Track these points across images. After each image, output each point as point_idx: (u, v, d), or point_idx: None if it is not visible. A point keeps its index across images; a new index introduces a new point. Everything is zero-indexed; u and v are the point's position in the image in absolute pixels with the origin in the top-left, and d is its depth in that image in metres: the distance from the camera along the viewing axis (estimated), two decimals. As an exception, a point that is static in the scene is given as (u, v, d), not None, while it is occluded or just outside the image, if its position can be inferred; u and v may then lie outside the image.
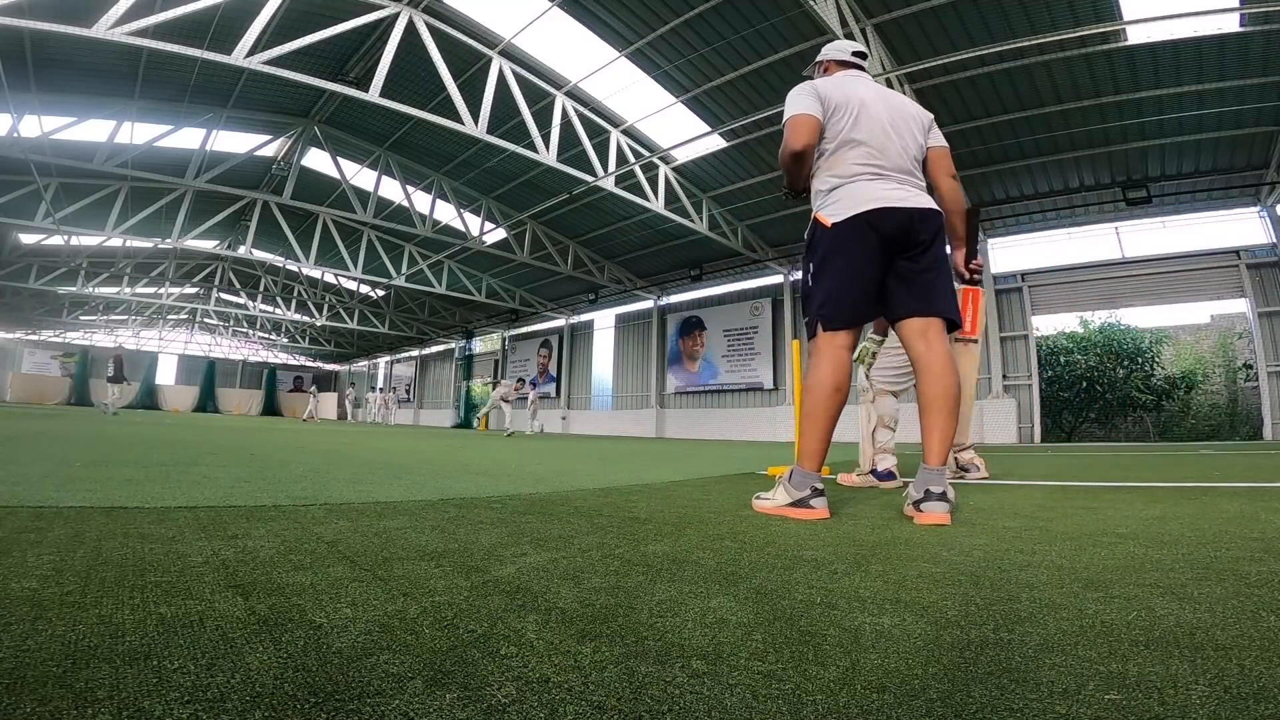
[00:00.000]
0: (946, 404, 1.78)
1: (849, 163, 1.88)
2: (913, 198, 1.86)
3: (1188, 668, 0.63)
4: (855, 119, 1.89)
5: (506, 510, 1.80)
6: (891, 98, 2.00)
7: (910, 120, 1.96)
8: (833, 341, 1.85)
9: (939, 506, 1.67)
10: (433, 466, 3.41)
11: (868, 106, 1.91)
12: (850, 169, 1.87)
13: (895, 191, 1.84)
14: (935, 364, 1.81)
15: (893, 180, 1.86)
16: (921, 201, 1.87)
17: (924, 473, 1.74)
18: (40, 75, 9.59)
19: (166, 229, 14.18)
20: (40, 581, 0.87)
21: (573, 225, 15.60)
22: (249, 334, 32.55)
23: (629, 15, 8.40)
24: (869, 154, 1.87)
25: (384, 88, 7.62)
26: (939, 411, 1.78)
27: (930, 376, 1.81)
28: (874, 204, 1.81)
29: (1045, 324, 14.23)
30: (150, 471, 2.48)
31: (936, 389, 1.80)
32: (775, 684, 0.59)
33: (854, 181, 1.86)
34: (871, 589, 0.96)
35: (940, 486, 1.69)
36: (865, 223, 1.80)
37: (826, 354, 1.85)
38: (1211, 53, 7.69)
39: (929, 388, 1.81)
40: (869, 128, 1.89)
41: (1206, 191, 10.31)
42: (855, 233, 1.82)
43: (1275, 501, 2.03)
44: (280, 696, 0.53)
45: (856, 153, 1.88)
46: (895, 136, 1.90)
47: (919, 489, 1.72)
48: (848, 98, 1.92)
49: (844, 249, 1.84)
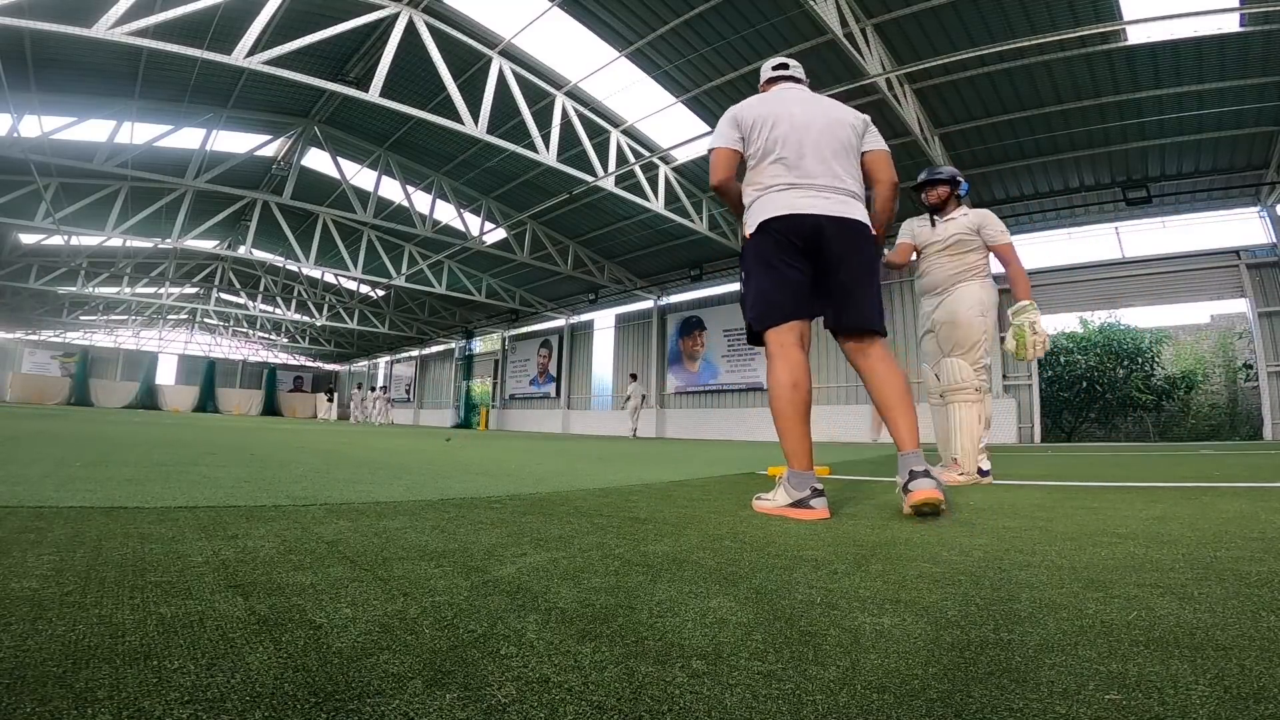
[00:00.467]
0: (901, 400, 1.89)
1: (766, 175, 1.97)
2: (826, 205, 1.90)
3: (1188, 668, 0.63)
4: (771, 133, 1.96)
5: (506, 510, 1.80)
6: (820, 106, 2.04)
7: (839, 126, 2.00)
8: (778, 340, 1.91)
9: (926, 482, 1.72)
10: (433, 466, 3.41)
11: (785, 119, 1.97)
12: (766, 180, 1.97)
13: (805, 199, 1.90)
14: (881, 372, 1.93)
15: (808, 189, 1.92)
16: (835, 210, 1.90)
17: (903, 459, 1.81)
18: (40, 75, 9.59)
19: (166, 229, 14.18)
20: (40, 581, 0.87)
21: (573, 225, 15.60)
22: (249, 334, 32.55)
23: (629, 15, 8.40)
24: (783, 166, 1.94)
25: (384, 88, 7.62)
26: (897, 409, 1.88)
27: (879, 384, 1.93)
28: (779, 211, 1.90)
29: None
30: (150, 471, 2.48)
31: (888, 393, 1.91)
32: (775, 684, 0.59)
33: (768, 192, 1.95)
34: (871, 589, 0.96)
35: (922, 465, 1.75)
36: (770, 228, 1.91)
37: (776, 354, 1.92)
38: (1211, 53, 7.69)
39: (882, 394, 1.92)
40: (784, 140, 1.95)
41: (1206, 191, 10.31)
42: (765, 238, 1.92)
43: (1275, 501, 2.03)
44: (280, 696, 0.53)
45: (773, 166, 1.96)
46: (814, 146, 1.95)
47: (903, 473, 1.78)
48: (766, 114, 1.99)
49: (761, 254, 1.94)
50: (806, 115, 1.99)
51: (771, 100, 2.04)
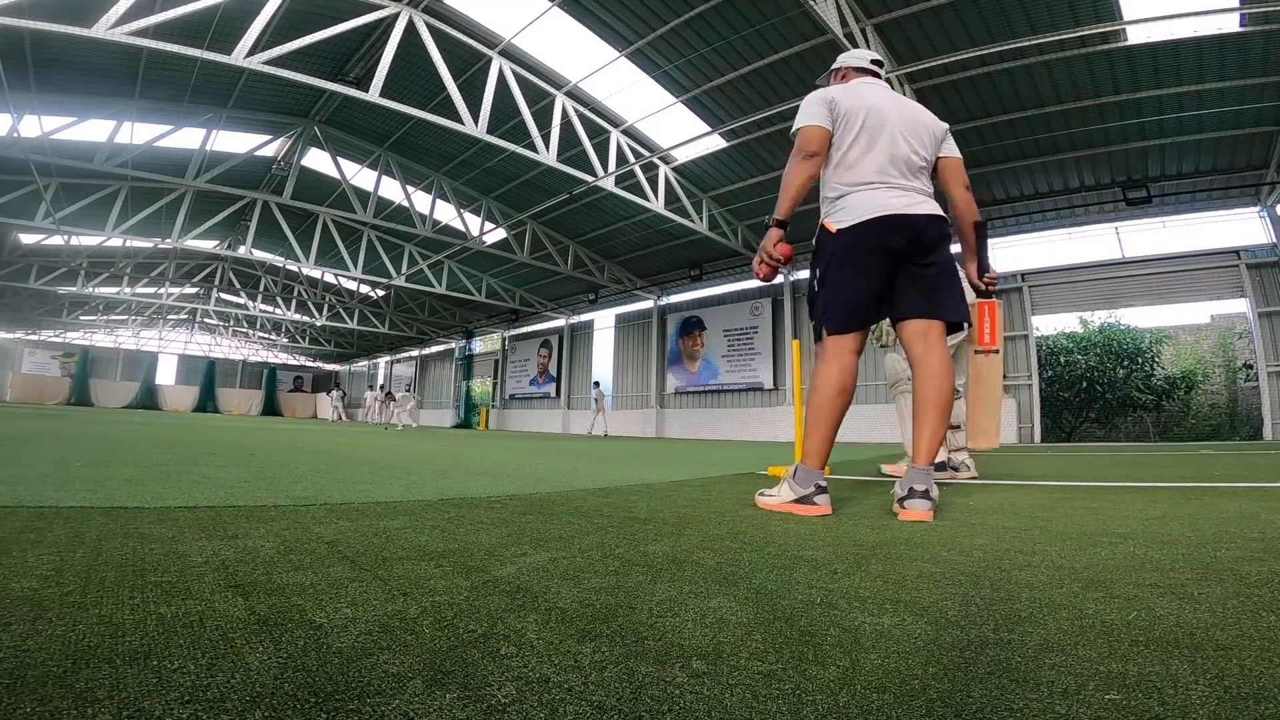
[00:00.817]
0: (939, 405, 1.83)
1: (856, 171, 1.90)
2: (918, 204, 1.88)
3: (1188, 668, 0.63)
4: (865, 127, 1.91)
5: (506, 510, 1.80)
6: (906, 106, 2.01)
7: (923, 129, 1.97)
8: (839, 345, 1.88)
9: (921, 504, 1.71)
10: (433, 466, 3.41)
11: (878, 114, 1.92)
12: (857, 176, 1.89)
13: (901, 199, 1.87)
14: (933, 365, 1.86)
15: (898, 188, 1.89)
16: (927, 208, 1.89)
17: (911, 471, 1.79)
18: (40, 75, 9.59)
19: (166, 229, 14.18)
20: (40, 581, 0.87)
21: (573, 225, 15.60)
22: (249, 334, 32.56)
23: (629, 15, 8.40)
24: (877, 162, 1.89)
25: (384, 88, 7.62)
26: (932, 411, 1.83)
27: (926, 376, 1.86)
28: (879, 211, 1.84)
29: (1045, 324, 14.22)
30: (150, 471, 2.48)
31: (931, 389, 1.85)
32: (775, 684, 0.59)
33: (860, 189, 1.88)
34: (871, 589, 0.96)
35: (924, 485, 1.73)
36: (870, 229, 1.84)
37: (833, 357, 1.89)
38: (1211, 53, 7.69)
39: (924, 387, 1.86)
40: (878, 136, 1.90)
41: (1206, 191, 10.30)
42: (860, 239, 1.85)
43: (1275, 501, 2.03)
44: (280, 696, 0.53)
45: (865, 161, 1.90)
46: (904, 145, 1.92)
47: (904, 486, 1.76)
48: (859, 106, 1.93)
49: (849, 255, 1.87)
50: (900, 114, 1.96)
51: (861, 93, 1.99)
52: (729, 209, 13.33)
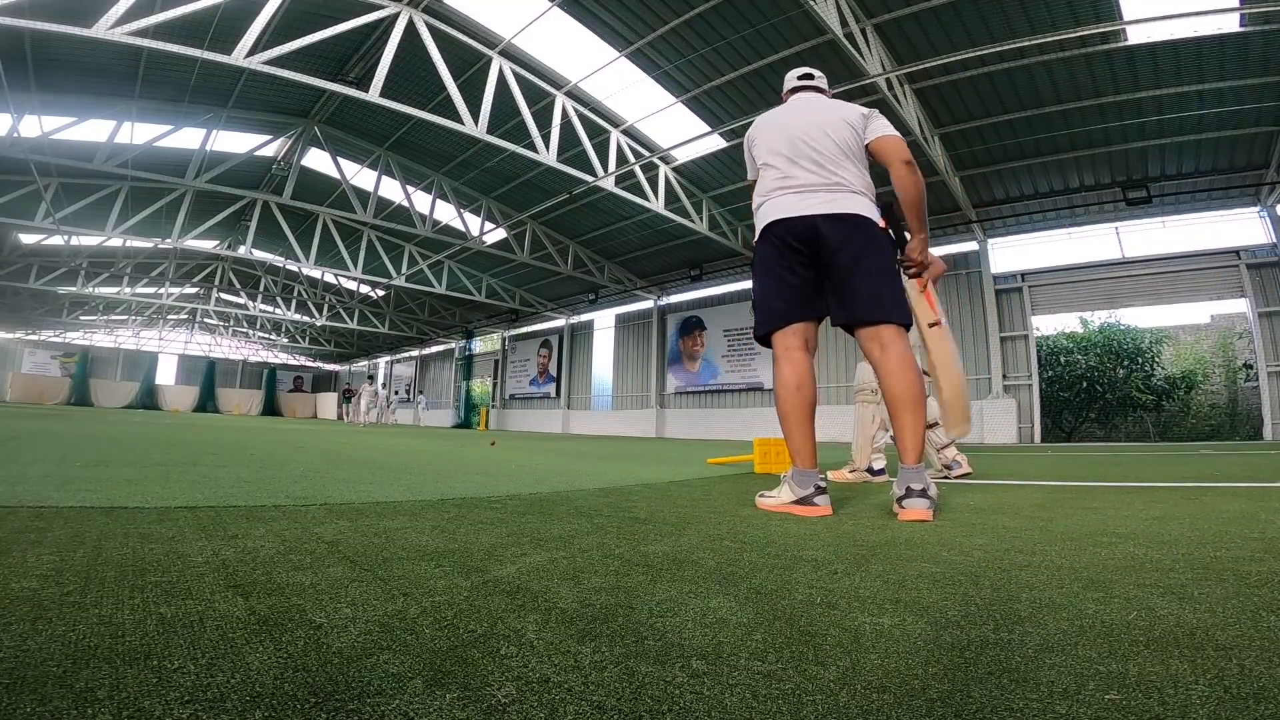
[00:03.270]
0: (911, 402, 1.86)
1: (767, 184, 2.06)
2: (819, 205, 1.93)
3: (1188, 668, 0.63)
4: (771, 144, 2.07)
5: (506, 510, 1.80)
6: (819, 109, 2.07)
7: (830, 126, 2.01)
8: (782, 344, 1.99)
9: (920, 503, 1.72)
10: (433, 466, 3.41)
11: (779, 129, 2.07)
12: (767, 188, 2.05)
13: (800, 202, 1.96)
14: (892, 364, 1.89)
15: (800, 192, 1.97)
16: (828, 208, 1.93)
17: (903, 471, 1.80)
18: (40, 75, 9.59)
19: (166, 229, 14.18)
20: (40, 581, 0.87)
21: (573, 225, 15.60)
22: (249, 334, 32.55)
23: (629, 15, 8.40)
24: (777, 173, 2.03)
25: (384, 88, 7.62)
26: (905, 410, 1.86)
27: (887, 376, 1.90)
28: (775, 216, 1.98)
29: (1045, 324, 14.24)
30: (150, 471, 2.48)
31: (898, 389, 1.88)
32: (775, 684, 0.59)
33: (767, 200, 2.04)
34: (871, 589, 0.96)
35: (920, 483, 1.74)
36: (769, 234, 1.99)
37: (780, 356, 2.00)
38: (1211, 53, 7.69)
39: (890, 388, 1.89)
40: (780, 149, 2.04)
41: (1206, 191, 10.30)
42: (767, 244, 2.00)
43: (1275, 501, 2.03)
44: (280, 696, 0.53)
45: (769, 174, 2.05)
46: (809, 149, 1.99)
47: (900, 487, 1.77)
48: (764, 133, 2.11)
49: (763, 260, 2.02)
50: (803, 119, 2.05)
51: (776, 114, 2.15)
52: (729, 209, 13.33)
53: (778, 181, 2.02)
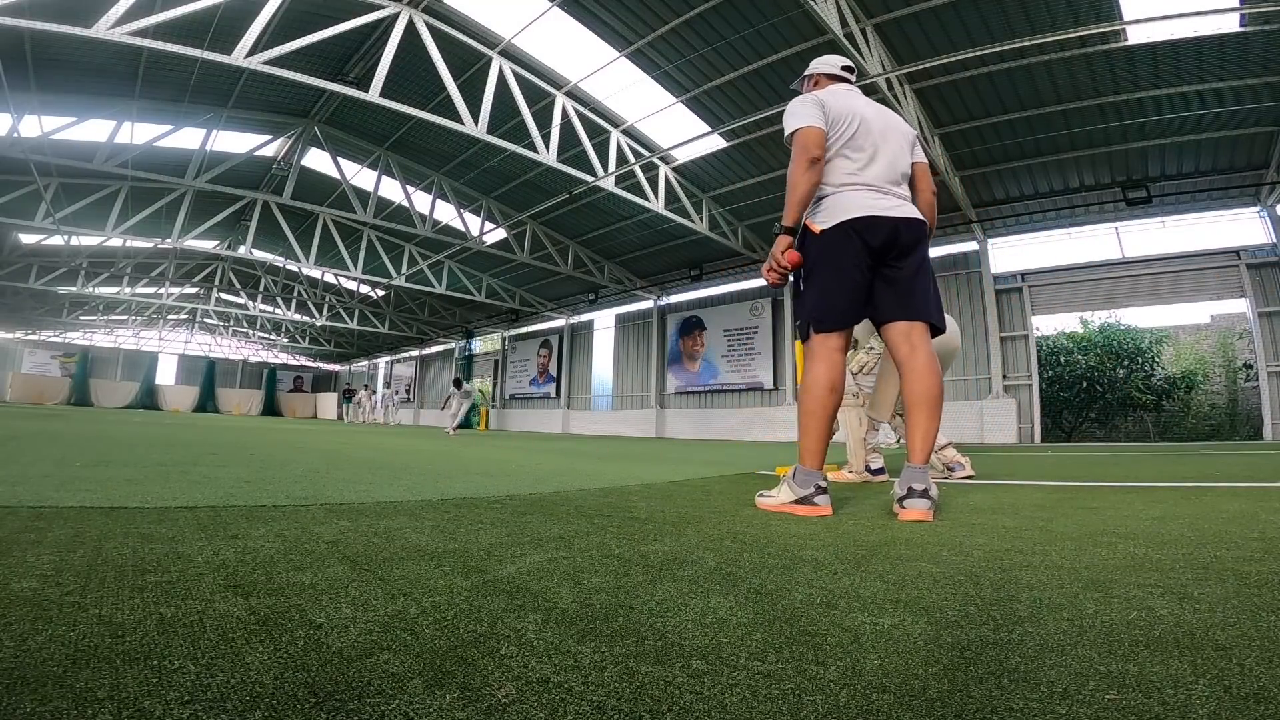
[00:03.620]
0: (929, 404, 1.86)
1: (840, 173, 1.97)
2: (897, 207, 1.95)
3: (1188, 668, 0.63)
4: (850, 131, 1.98)
5: (506, 510, 1.80)
6: (885, 113, 2.10)
7: (899, 135, 2.06)
8: (825, 344, 1.94)
9: (920, 503, 1.72)
10: (433, 466, 3.41)
11: (862, 119, 2.00)
12: (841, 179, 1.97)
13: (881, 201, 1.94)
14: (918, 365, 1.90)
15: (879, 191, 1.96)
16: (905, 211, 1.96)
17: (908, 470, 1.80)
18: (40, 75, 9.59)
19: (166, 229, 14.18)
20: (40, 581, 0.87)
21: (573, 225, 15.59)
22: (249, 334, 32.54)
23: (629, 15, 8.39)
24: (859, 166, 1.97)
25: (384, 88, 7.62)
26: (922, 411, 1.86)
27: (914, 377, 1.89)
28: (860, 212, 1.91)
29: (1045, 324, 14.24)
30: (150, 471, 2.48)
31: (919, 390, 1.88)
32: (775, 684, 0.59)
33: (842, 191, 1.96)
34: (871, 589, 0.96)
35: (922, 484, 1.75)
36: (851, 230, 1.90)
37: (820, 355, 1.94)
38: (1211, 53, 7.68)
39: (913, 388, 1.89)
40: (862, 141, 1.98)
41: (1206, 191, 10.30)
42: (842, 239, 1.91)
43: (1275, 501, 2.03)
44: (280, 696, 0.53)
45: (848, 164, 1.97)
46: (885, 150, 1.99)
47: (902, 487, 1.77)
48: (846, 110, 2.01)
49: (832, 255, 1.93)
50: (880, 120, 2.04)
51: (850, 97, 2.07)
52: (729, 209, 13.32)
53: (857, 177, 1.95)
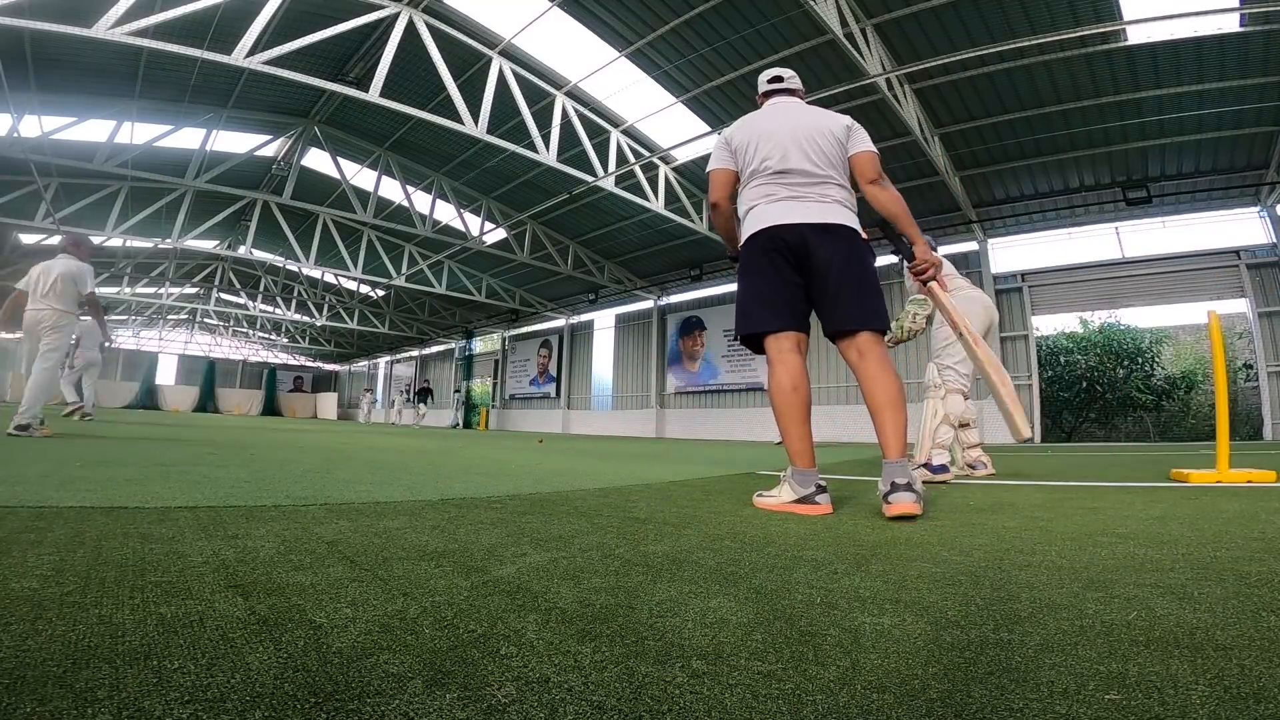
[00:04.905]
0: (892, 405, 1.90)
1: (753, 191, 2.07)
2: (808, 214, 1.96)
3: (1188, 668, 0.63)
4: (755, 152, 2.06)
5: (506, 510, 1.80)
6: (802, 116, 2.10)
7: (818, 134, 2.04)
8: (775, 347, 2.01)
9: (905, 496, 1.72)
10: (433, 466, 3.41)
11: (767, 137, 2.05)
12: (753, 196, 2.06)
13: (789, 209, 1.98)
14: (870, 370, 1.94)
15: (789, 201, 1.99)
16: (816, 216, 1.96)
17: (887, 467, 1.80)
18: (40, 75, 9.59)
19: (166, 229, 14.17)
20: (40, 581, 0.87)
21: (573, 225, 15.59)
22: (249, 334, 32.54)
23: (629, 15, 8.39)
24: (766, 180, 2.03)
25: (384, 88, 7.62)
26: (886, 411, 1.89)
27: (870, 384, 1.93)
28: (767, 223, 1.99)
29: (1045, 324, 14.24)
30: (150, 471, 2.48)
31: (878, 394, 1.91)
32: (775, 684, 0.59)
33: (756, 206, 2.04)
34: (871, 589, 0.96)
35: (904, 478, 1.74)
36: (764, 238, 1.99)
37: (774, 359, 2.01)
38: (1211, 53, 7.68)
39: (872, 394, 1.93)
40: (768, 157, 2.03)
41: (1206, 191, 10.30)
42: (756, 249, 2.01)
43: (1275, 501, 2.03)
44: (280, 696, 0.53)
45: (758, 182, 2.05)
46: (795, 153, 2.01)
47: (885, 483, 1.77)
48: (750, 134, 2.09)
49: (751, 264, 2.03)
50: (790, 128, 2.05)
51: (759, 118, 2.14)
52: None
53: (766, 192, 2.02)
